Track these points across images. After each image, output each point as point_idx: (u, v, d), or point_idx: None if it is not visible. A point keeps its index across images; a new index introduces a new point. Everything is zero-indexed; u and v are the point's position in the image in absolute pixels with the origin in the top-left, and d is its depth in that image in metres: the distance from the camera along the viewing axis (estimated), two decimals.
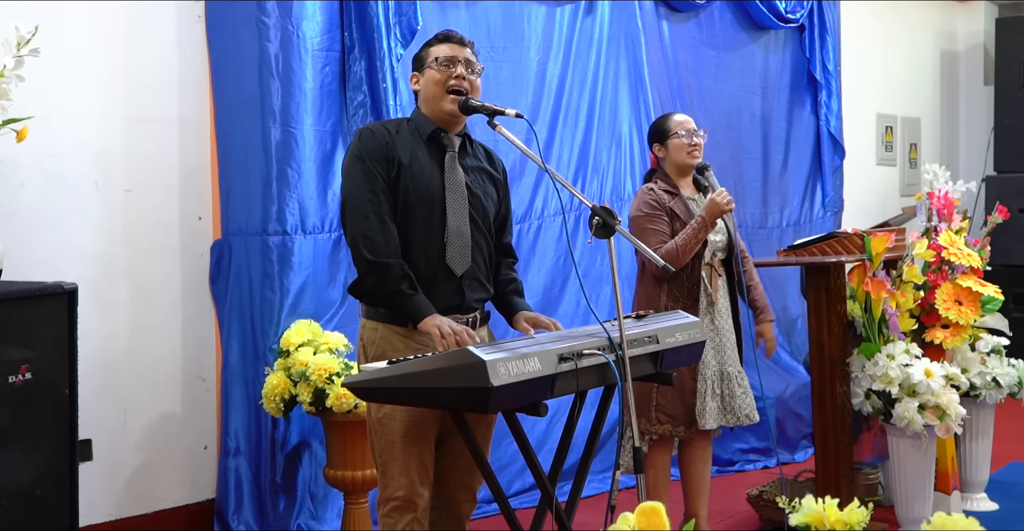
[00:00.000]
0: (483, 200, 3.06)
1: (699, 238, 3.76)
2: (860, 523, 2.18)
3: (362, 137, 2.99)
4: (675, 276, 3.78)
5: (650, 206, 3.85)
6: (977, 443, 4.63)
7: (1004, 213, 4.61)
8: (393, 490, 2.91)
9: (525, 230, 4.93)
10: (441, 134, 3.03)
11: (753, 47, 6.22)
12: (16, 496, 2.96)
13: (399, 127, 3.04)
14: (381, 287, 2.89)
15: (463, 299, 2.99)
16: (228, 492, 4.06)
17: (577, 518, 2.97)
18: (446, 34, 3.10)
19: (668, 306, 3.75)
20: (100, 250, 3.90)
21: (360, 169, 2.93)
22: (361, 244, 2.89)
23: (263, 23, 4.08)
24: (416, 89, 3.08)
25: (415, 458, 2.91)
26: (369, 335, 2.97)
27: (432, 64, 3.02)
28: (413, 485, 2.91)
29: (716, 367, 3.87)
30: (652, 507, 1.89)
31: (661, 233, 3.81)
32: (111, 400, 3.92)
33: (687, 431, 3.84)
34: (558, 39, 5.08)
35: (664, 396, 3.81)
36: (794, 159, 6.49)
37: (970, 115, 8.58)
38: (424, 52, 3.08)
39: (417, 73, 3.08)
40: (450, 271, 2.97)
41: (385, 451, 2.92)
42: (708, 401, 3.84)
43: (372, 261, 2.87)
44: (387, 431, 2.92)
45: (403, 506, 2.90)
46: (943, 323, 4.28)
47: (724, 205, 3.73)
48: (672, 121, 3.95)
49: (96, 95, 3.89)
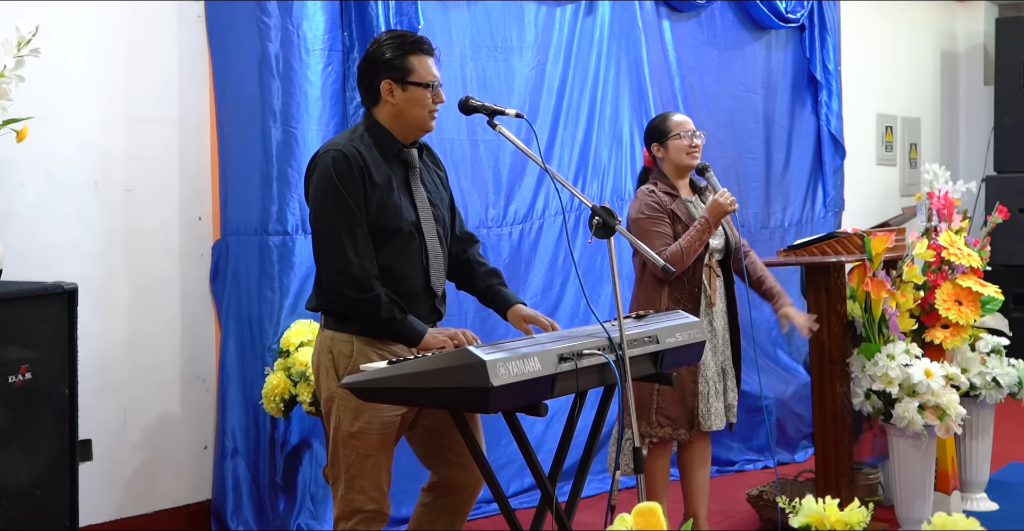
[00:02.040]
0: (442, 210, 3.05)
1: (703, 240, 3.75)
2: (860, 523, 2.18)
3: (335, 163, 2.83)
4: (676, 278, 3.77)
5: (652, 208, 3.83)
6: (977, 443, 4.63)
7: (1004, 213, 4.61)
8: (363, 503, 2.88)
9: (527, 230, 4.93)
10: (404, 150, 2.96)
11: (754, 47, 6.22)
12: (16, 496, 2.96)
13: (363, 143, 2.90)
14: (373, 319, 2.84)
15: (439, 316, 3.03)
16: (227, 492, 4.06)
17: (577, 518, 2.97)
18: (427, 47, 2.93)
19: (669, 307, 3.74)
20: (100, 250, 3.90)
21: (333, 199, 2.82)
22: (340, 283, 2.82)
23: (263, 23, 4.08)
24: (389, 100, 2.91)
25: (386, 470, 2.91)
26: (341, 348, 2.90)
27: (421, 85, 2.89)
28: (384, 497, 2.90)
29: (715, 367, 3.86)
30: (649, 507, 1.89)
31: (664, 235, 3.79)
32: (111, 400, 3.92)
33: (688, 434, 3.83)
34: (558, 39, 5.08)
35: (665, 399, 3.80)
36: (795, 159, 6.49)
37: (970, 115, 8.58)
38: (401, 61, 2.89)
39: (393, 84, 2.90)
40: (431, 292, 2.97)
41: (355, 465, 2.88)
42: (712, 402, 3.83)
43: (357, 298, 2.82)
44: (361, 445, 2.88)
45: (373, 518, 2.89)
46: (943, 323, 4.27)
47: (727, 206, 3.72)
48: (672, 121, 3.93)
49: (96, 95, 3.89)
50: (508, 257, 4.83)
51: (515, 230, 4.89)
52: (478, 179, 4.73)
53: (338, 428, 2.90)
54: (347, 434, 2.88)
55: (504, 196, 4.85)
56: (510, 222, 4.87)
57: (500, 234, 4.81)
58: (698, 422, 3.82)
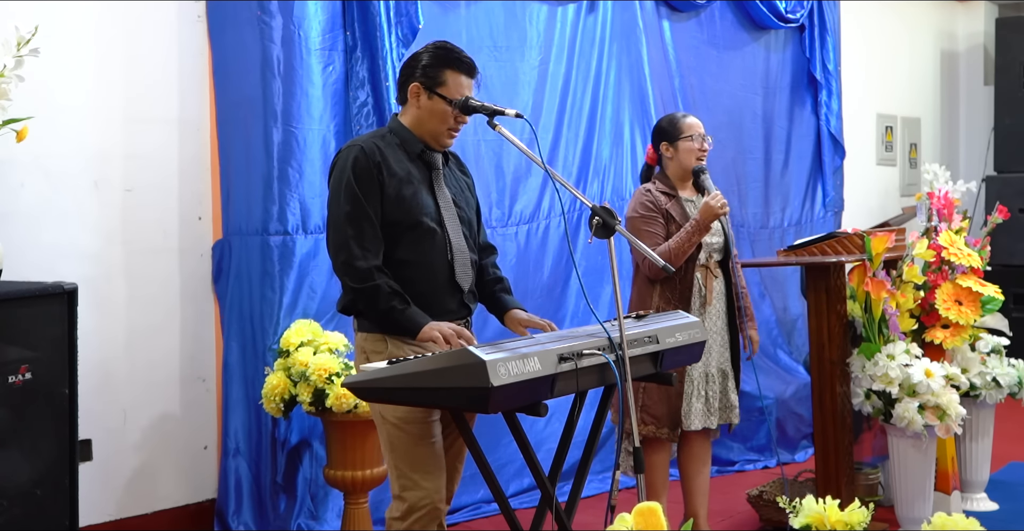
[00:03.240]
0: (467, 212, 3.09)
1: (692, 242, 3.75)
2: (860, 523, 2.18)
3: (353, 157, 2.91)
4: (668, 278, 3.78)
5: (646, 207, 3.85)
6: (977, 443, 4.63)
7: (1004, 213, 4.61)
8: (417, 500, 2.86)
9: (532, 230, 4.94)
10: (427, 152, 3.01)
11: (754, 47, 6.22)
12: (16, 496, 2.96)
13: (385, 141, 2.97)
14: (373, 308, 2.90)
15: (468, 312, 3.06)
16: (228, 492, 4.06)
17: (577, 518, 2.97)
18: (467, 63, 2.98)
19: (660, 307, 3.74)
20: (100, 250, 3.90)
21: (344, 192, 2.90)
22: (344, 274, 2.91)
23: (264, 23, 4.08)
24: (413, 103, 2.98)
25: (437, 458, 2.90)
26: (375, 347, 2.95)
27: (447, 100, 2.93)
28: (438, 491, 2.89)
29: (701, 368, 3.86)
30: (649, 507, 1.89)
31: (655, 235, 3.80)
32: (111, 400, 3.92)
33: (671, 433, 3.84)
34: (560, 39, 5.08)
35: (650, 397, 3.81)
36: (795, 159, 6.49)
37: (970, 115, 8.58)
38: (439, 71, 2.95)
39: (422, 88, 2.96)
40: (457, 287, 3.00)
41: (406, 457, 2.88)
42: (694, 402, 3.84)
43: (358, 288, 2.88)
44: (406, 435, 2.88)
45: (430, 516, 2.88)
46: (943, 323, 4.27)
47: (718, 208, 3.73)
48: (685, 123, 3.93)
49: (96, 95, 3.89)
50: (515, 258, 4.83)
51: (521, 230, 4.89)
52: (481, 179, 4.72)
53: (384, 420, 2.92)
54: (392, 425, 2.89)
55: (508, 196, 4.85)
56: (515, 222, 4.87)
57: (505, 234, 4.80)
58: (682, 422, 3.82)
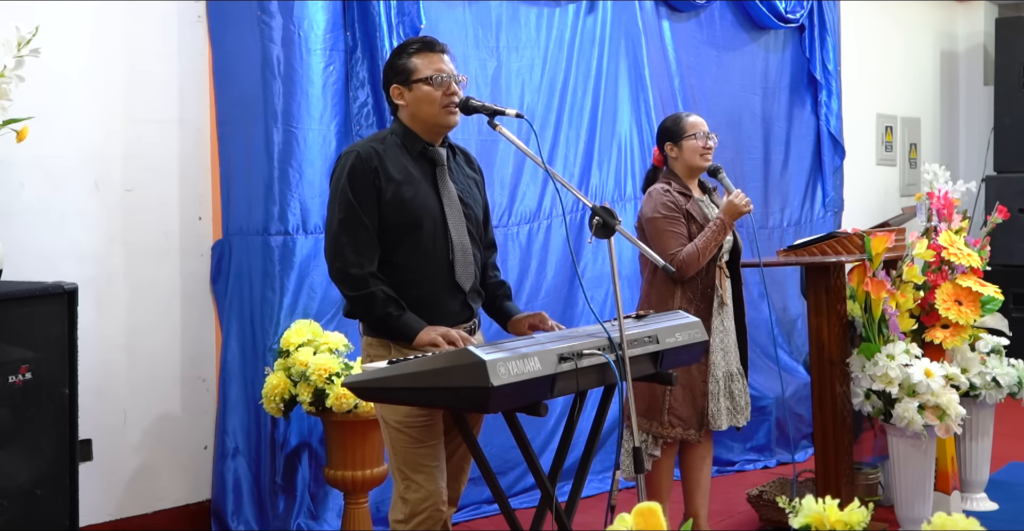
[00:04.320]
0: (474, 209, 3.06)
1: (718, 241, 3.75)
2: (860, 523, 2.18)
3: (349, 164, 2.91)
4: (690, 278, 3.77)
5: (668, 207, 3.82)
6: (977, 443, 4.63)
7: (1004, 213, 4.61)
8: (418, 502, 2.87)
9: (535, 230, 4.94)
10: (430, 149, 2.99)
11: (753, 47, 6.22)
12: (16, 496, 2.96)
13: (385, 143, 2.97)
14: (370, 315, 2.91)
15: (471, 313, 3.03)
16: (227, 492, 4.06)
17: (577, 518, 2.97)
18: (426, 42, 2.99)
19: (682, 307, 3.70)
20: (100, 250, 3.90)
21: (340, 199, 2.90)
22: (340, 281, 2.91)
23: (265, 23, 4.07)
24: (400, 103, 2.98)
25: (439, 460, 2.90)
26: (379, 352, 2.95)
27: (424, 81, 2.93)
28: (440, 494, 2.89)
29: (725, 367, 3.87)
30: (649, 507, 1.89)
31: (680, 236, 3.79)
32: (111, 400, 3.92)
33: (697, 434, 3.83)
34: (560, 39, 5.08)
35: (676, 399, 3.80)
36: (794, 159, 6.49)
37: (970, 115, 8.57)
38: (405, 63, 2.96)
39: (400, 86, 2.97)
40: (458, 287, 2.98)
41: (408, 459, 2.89)
42: (721, 401, 3.84)
43: (353, 296, 2.89)
44: (408, 437, 2.88)
45: (432, 518, 2.88)
46: (943, 323, 4.27)
47: (743, 206, 3.74)
48: (687, 122, 3.93)
49: (96, 95, 3.89)
50: (517, 257, 4.83)
51: (523, 230, 4.89)
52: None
53: (386, 423, 2.92)
54: (393, 427, 2.90)
55: (508, 195, 4.85)
56: (517, 222, 4.86)
57: (507, 233, 4.80)
58: (708, 422, 3.82)
